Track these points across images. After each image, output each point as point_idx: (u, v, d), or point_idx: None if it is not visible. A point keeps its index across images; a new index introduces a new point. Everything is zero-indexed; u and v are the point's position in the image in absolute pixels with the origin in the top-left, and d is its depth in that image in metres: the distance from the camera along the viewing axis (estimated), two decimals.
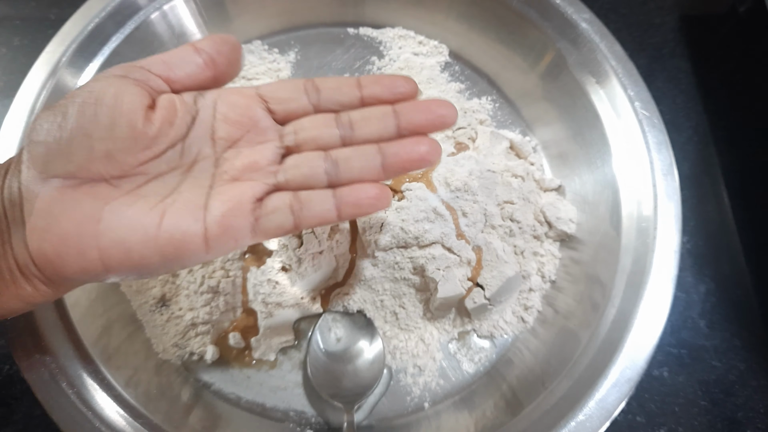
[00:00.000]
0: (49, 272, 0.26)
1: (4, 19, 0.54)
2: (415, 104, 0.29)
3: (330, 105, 0.29)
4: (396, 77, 0.29)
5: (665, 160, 0.39)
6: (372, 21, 0.52)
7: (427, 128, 0.28)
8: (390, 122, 0.28)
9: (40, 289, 0.26)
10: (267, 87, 0.30)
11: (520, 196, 0.43)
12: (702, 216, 0.47)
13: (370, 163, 0.28)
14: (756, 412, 0.41)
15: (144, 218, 0.26)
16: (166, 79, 0.28)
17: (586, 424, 0.32)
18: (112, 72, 0.27)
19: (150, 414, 0.34)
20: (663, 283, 0.36)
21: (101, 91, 0.25)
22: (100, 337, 0.37)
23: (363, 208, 0.28)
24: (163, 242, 0.25)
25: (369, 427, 0.39)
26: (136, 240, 0.25)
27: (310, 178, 0.28)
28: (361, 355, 0.40)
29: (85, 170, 0.25)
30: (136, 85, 0.26)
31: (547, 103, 0.47)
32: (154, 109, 0.27)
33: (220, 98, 0.29)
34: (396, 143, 0.28)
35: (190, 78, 0.28)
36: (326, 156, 0.28)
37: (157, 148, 0.27)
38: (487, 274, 0.40)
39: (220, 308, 0.39)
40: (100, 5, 0.43)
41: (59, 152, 0.25)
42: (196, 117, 0.28)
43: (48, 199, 0.25)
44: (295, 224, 0.27)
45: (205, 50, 0.28)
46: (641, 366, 0.34)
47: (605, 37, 0.43)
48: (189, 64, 0.28)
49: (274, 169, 0.28)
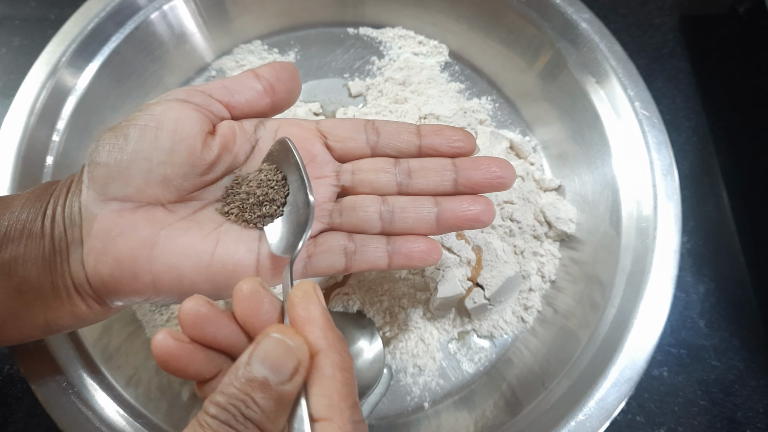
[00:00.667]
0: (103, 293, 0.26)
1: (4, 19, 0.54)
2: (475, 161, 0.29)
3: (388, 150, 0.29)
4: (456, 131, 0.29)
5: (665, 160, 0.39)
6: (372, 21, 0.52)
7: (484, 187, 0.28)
8: (448, 176, 0.28)
9: (94, 308, 0.27)
10: (327, 123, 0.30)
11: (520, 196, 0.43)
12: (701, 216, 0.47)
13: (425, 216, 0.28)
14: (755, 411, 0.41)
15: (198, 245, 0.26)
16: (226, 104, 0.28)
17: (586, 423, 0.32)
18: (174, 95, 0.27)
19: (150, 414, 0.34)
20: (663, 283, 0.36)
21: (163, 115, 0.26)
22: (100, 337, 0.37)
23: (413, 261, 0.28)
24: (215, 271, 0.26)
25: (369, 426, 0.39)
26: (189, 266, 0.25)
27: (364, 222, 0.28)
28: (360, 354, 0.40)
29: (143, 194, 0.25)
30: (197, 111, 0.26)
31: (547, 103, 0.47)
32: (213, 134, 0.27)
33: (281, 128, 0.29)
34: (453, 199, 0.28)
35: (249, 104, 0.28)
36: (383, 202, 0.28)
37: (214, 175, 0.27)
38: (487, 274, 0.40)
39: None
40: (100, 5, 0.43)
41: (119, 175, 0.25)
42: (256, 146, 0.28)
43: (106, 221, 0.25)
44: (347, 267, 0.28)
45: (265, 77, 0.28)
46: (641, 366, 0.34)
47: (605, 37, 0.43)
48: (249, 90, 0.28)
49: (330, 207, 0.28)
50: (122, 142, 0.25)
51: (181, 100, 0.27)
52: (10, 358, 0.41)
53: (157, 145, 0.25)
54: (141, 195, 0.25)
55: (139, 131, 0.25)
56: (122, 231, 0.25)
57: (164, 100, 0.27)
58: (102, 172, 0.25)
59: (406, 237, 0.28)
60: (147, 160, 0.25)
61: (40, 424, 0.39)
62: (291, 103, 0.30)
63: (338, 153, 0.30)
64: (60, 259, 0.26)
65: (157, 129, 0.25)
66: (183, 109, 0.26)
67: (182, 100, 0.27)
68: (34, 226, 0.26)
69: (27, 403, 0.40)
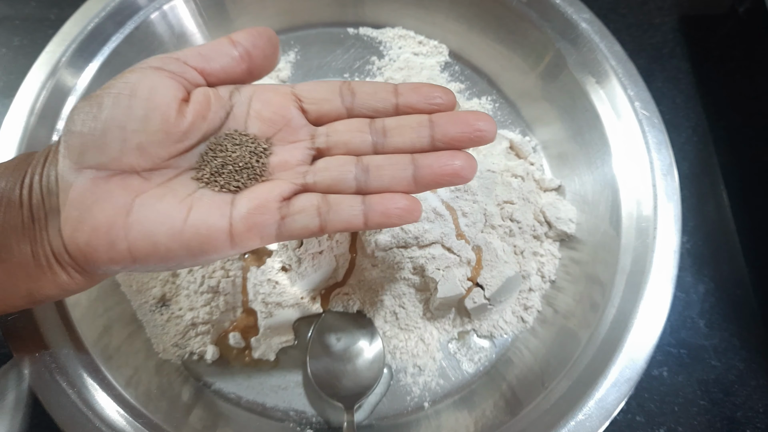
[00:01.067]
0: (82, 261, 0.26)
1: (4, 19, 0.54)
2: (452, 116, 0.28)
3: (364, 110, 0.29)
4: (434, 87, 0.29)
5: (665, 160, 0.39)
6: (372, 21, 0.52)
7: (463, 142, 0.27)
8: (424, 133, 0.27)
9: (75, 277, 0.27)
10: (302, 86, 0.29)
11: (520, 196, 0.43)
12: (701, 216, 0.47)
13: (401, 174, 0.27)
14: (755, 411, 0.41)
15: (171, 212, 0.26)
16: (201, 71, 0.28)
17: (586, 423, 0.33)
18: (148, 63, 0.27)
19: (150, 414, 0.34)
20: (662, 283, 0.36)
21: (136, 82, 0.26)
22: (100, 336, 0.37)
23: (391, 219, 0.27)
24: (189, 236, 0.26)
25: (369, 426, 0.39)
26: (163, 233, 0.25)
27: (339, 182, 0.28)
28: (361, 354, 0.40)
29: (117, 162, 0.25)
30: (171, 78, 0.26)
31: (547, 103, 0.47)
32: (188, 102, 0.27)
33: (255, 95, 0.29)
34: (430, 155, 0.27)
35: (225, 71, 0.28)
36: (357, 161, 0.28)
37: (189, 142, 0.27)
38: (487, 274, 0.40)
39: (220, 308, 0.39)
40: (100, 5, 0.43)
41: (93, 143, 0.25)
42: (230, 112, 0.28)
43: (81, 189, 0.25)
44: (321, 227, 0.27)
45: (242, 43, 0.28)
46: (641, 366, 0.34)
47: (605, 37, 0.43)
48: (225, 56, 0.28)
49: (304, 169, 0.28)
50: (96, 111, 0.25)
51: (156, 67, 0.27)
52: (11, 358, 0.41)
53: (131, 113, 0.25)
54: (116, 163, 0.25)
55: (113, 99, 0.25)
56: (97, 199, 0.25)
57: (139, 68, 0.27)
58: (77, 141, 0.25)
59: (384, 195, 0.27)
60: (121, 128, 0.25)
61: (41, 424, 0.39)
62: (269, 69, 0.30)
63: (314, 116, 0.29)
64: (39, 228, 0.26)
65: (130, 97, 0.25)
66: (157, 77, 0.26)
67: (157, 67, 0.27)
68: (13, 195, 0.26)
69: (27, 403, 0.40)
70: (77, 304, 0.37)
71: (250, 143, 0.28)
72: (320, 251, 0.39)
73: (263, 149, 0.28)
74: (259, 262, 0.40)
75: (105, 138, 0.25)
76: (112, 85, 0.26)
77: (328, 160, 0.28)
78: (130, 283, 0.41)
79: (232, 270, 0.40)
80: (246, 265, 0.40)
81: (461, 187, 0.40)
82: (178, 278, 0.41)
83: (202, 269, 0.40)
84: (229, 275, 0.40)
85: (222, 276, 0.40)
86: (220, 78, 0.28)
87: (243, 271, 0.40)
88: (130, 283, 0.41)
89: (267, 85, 0.29)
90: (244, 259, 0.41)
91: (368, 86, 0.29)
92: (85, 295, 0.38)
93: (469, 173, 0.27)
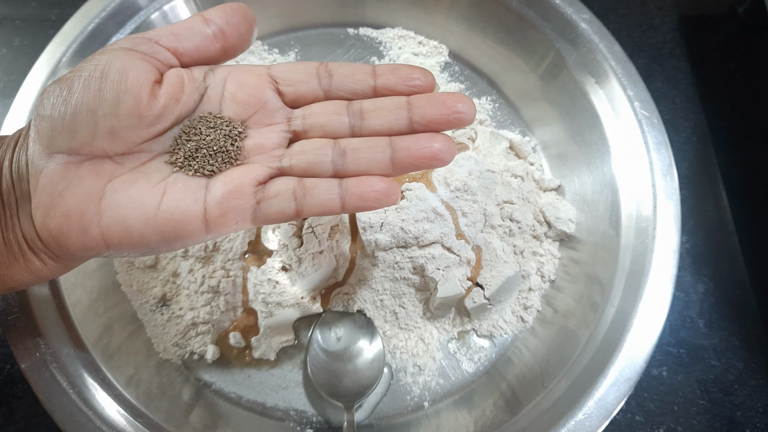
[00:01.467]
0: (54, 247, 0.26)
1: (4, 20, 0.54)
2: (430, 97, 0.27)
3: (341, 92, 0.28)
4: (413, 68, 0.28)
5: (664, 160, 0.39)
6: (372, 21, 0.52)
7: (442, 124, 0.27)
8: (402, 115, 0.27)
9: (48, 263, 0.27)
10: (279, 67, 0.29)
11: (520, 196, 0.43)
12: (701, 216, 0.47)
13: (378, 156, 0.27)
14: (754, 411, 0.41)
15: (144, 197, 0.25)
16: (174, 51, 0.27)
17: (586, 423, 0.33)
18: (119, 44, 0.26)
19: (151, 413, 0.35)
20: (662, 282, 0.36)
21: (107, 65, 0.25)
22: (100, 336, 0.37)
23: (368, 202, 0.26)
24: (162, 222, 0.25)
25: (369, 426, 0.39)
26: (136, 218, 0.25)
27: (315, 165, 0.27)
28: (361, 354, 0.40)
29: (88, 147, 0.25)
30: (143, 59, 0.26)
31: (547, 104, 0.47)
32: (161, 84, 0.26)
33: (230, 76, 0.28)
34: (408, 138, 0.27)
35: (198, 50, 0.27)
36: (334, 144, 0.27)
37: (162, 126, 0.26)
38: (487, 274, 0.40)
39: (221, 308, 0.39)
40: (101, 6, 0.43)
41: (63, 128, 0.25)
42: (205, 94, 0.27)
43: (52, 175, 0.25)
44: (297, 211, 0.27)
45: (215, 21, 0.27)
46: (640, 365, 0.34)
47: (605, 38, 0.43)
48: (198, 35, 0.27)
49: (280, 153, 0.28)
50: (66, 94, 0.25)
51: (127, 48, 0.26)
52: (10, 358, 0.41)
53: (102, 96, 0.25)
54: (87, 148, 0.25)
55: (83, 82, 0.25)
56: (69, 185, 0.25)
57: (109, 49, 0.26)
58: (46, 126, 0.25)
59: (361, 178, 0.27)
60: (92, 112, 0.25)
61: (41, 424, 0.39)
62: (244, 48, 0.29)
63: (290, 98, 0.29)
64: (9, 214, 0.26)
65: (101, 80, 0.25)
66: (128, 59, 0.25)
67: (128, 48, 0.26)
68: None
69: (28, 403, 0.40)
70: (77, 304, 0.37)
71: (225, 126, 0.27)
72: (320, 251, 0.39)
73: (238, 132, 0.27)
74: (260, 261, 0.40)
75: (75, 122, 0.25)
76: (82, 68, 0.25)
77: (305, 143, 0.28)
78: (130, 283, 0.41)
79: (232, 270, 0.40)
80: (246, 264, 0.40)
81: (461, 186, 0.40)
82: (178, 278, 0.41)
83: (202, 269, 0.40)
84: (230, 275, 0.40)
85: (222, 276, 0.40)
86: (193, 58, 0.28)
87: (243, 270, 0.40)
88: (131, 283, 0.41)
89: (242, 66, 0.29)
90: (245, 259, 0.41)
91: (345, 67, 0.29)
92: (85, 295, 0.38)
93: (447, 156, 0.27)
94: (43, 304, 0.35)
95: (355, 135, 0.28)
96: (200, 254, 0.40)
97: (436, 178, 0.40)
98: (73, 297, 0.37)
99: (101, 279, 0.40)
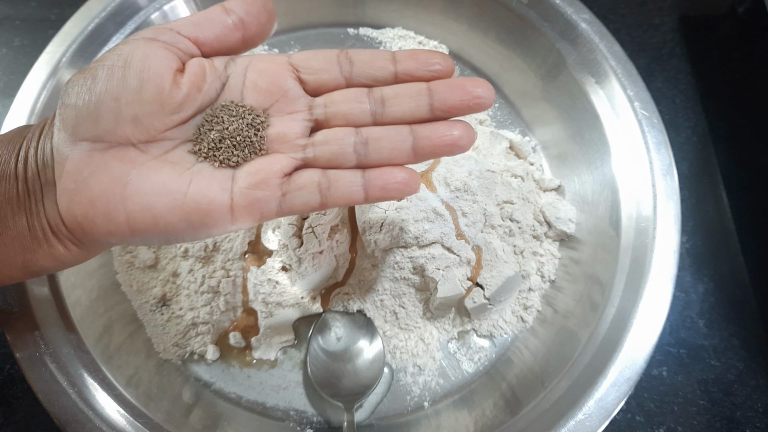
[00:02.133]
0: (79, 233, 0.26)
1: (4, 20, 0.54)
2: (450, 83, 0.27)
3: (362, 79, 0.28)
4: (432, 53, 0.28)
5: (664, 160, 0.39)
6: (372, 21, 0.52)
7: (462, 110, 0.27)
8: (423, 101, 0.27)
9: (71, 249, 0.27)
10: (299, 55, 0.29)
11: (520, 196, 0.43)
12: (701, 216, 0.47)
13: (400, 145, 0.27)
14: (754, 411, 0.41)
15: (171, 184, 0.26)
16: (195, 40, 0.27)
17: (586, 423, 0.33)
18: (141, 34, 0.27)
19: (151, 413, 0.35)
20: (662, 282, 0.36)
21: (130, 54, 0.26)
22: (101, 336, 0.37)
23: (390, 193, 0.27)
24: (190, 209, 0.26)
25: (369, 426, 0.39)
26: (163, 205, 0.25)
27: (339, 156, 0.27)
28: (361, 354, 0.40)
29: (112, 134, 0.25)
30: (165, 48, 0.26)
31: (547, 104, 0.47)
32: (183, 72, 0.27)
33: (251, 65, 0.28)
34: (429, 126, 0.27)
35: (219, 40, 0.28)
36: (357, 134, 0.28)
37: (185, 114, 0.27)
38: (487, 274, 0.40)
39: (221, 308, 0.39)
40: (101, 5, 0.43)
41: (88, 115, 0.25)
42: (226, 83, 0.28)
43: (77, 161, 0.25)
44: (322, 203, 0.27)
45: (235, 11, 0.28)
46: (640, 365, 0.34)
47: (605, 38, 0.43)
48: (218, 25, 0.28)
49: (303, 142, 0.28)
50: (90, 83, 0.25)
51: (149, 38, 0.26)
52: (10, 358, 0.41)
53: (125, 84, 0.25)
54: (111, 135, 0.25)
55: (107, 71, 0.25)
56: (93, 171, 0.25)
57: (132, 39, 0.27)
58: (71, 114, 0.25)
59: (382, 168, 0.27)
60: (115, 100, 0.25)
61: (41, 424, 0.39)
62: (264, 37, 0.29)
63: (311, 86, 0.29)
64: (34, 200, 0.26)
65: (124, 68, 0.25)
66: (150, 48, 0.26)
67: (150, 38, 0.26)
68: (8, 168, 0.26)
69: (28, 403, 0.40)
70: (78, 304, 0.37)
71: (247, 115, 0.27)
72: (320, 251, 0.39)
73: (261, 121, 0.28)
74: (260, 261, 0.40)
75: (99, 110, 0.25)
76: (105, 57, 0.26)
77: (327, 133, 0.28)
78: (130, 283, 0.41)
79: (232, 270, 0.40)
80: (246, 265, 0.40)
81: (461, 186, 0.40)
82: (178, 278, 0.41)
83: (202, 269, 0.40)
84: (230, 275, 0.40)
85: (222, 276, 0.40)
86: (214, 47, 0.28)
87: (243, 270, 0.40)
88: (131, 283, 0.41)
89: (263, 55, 0.29)
90: (245, 259, 0.41)
91: (366, 54, 0.29)
92: (85, 295, 0.38)
93: (467, 142, 0.27)
94: (43, 304, 0.35)
95: (377, 122, 0.28)
96: (200, 254, 0.40)
97: (436, 178, 0.40)
98: (73, 297, 0.37)
99: (101, 279, 0.40)
